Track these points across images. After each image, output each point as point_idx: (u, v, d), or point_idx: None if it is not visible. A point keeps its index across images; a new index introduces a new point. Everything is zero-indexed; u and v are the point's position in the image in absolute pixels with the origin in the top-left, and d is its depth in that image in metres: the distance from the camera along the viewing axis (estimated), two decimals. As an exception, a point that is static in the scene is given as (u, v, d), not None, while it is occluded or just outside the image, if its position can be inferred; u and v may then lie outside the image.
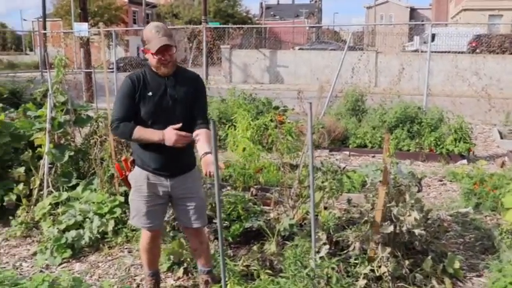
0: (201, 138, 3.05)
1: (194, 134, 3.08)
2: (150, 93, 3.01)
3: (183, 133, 2.93)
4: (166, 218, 4.04)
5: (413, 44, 26.20)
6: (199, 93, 3.18)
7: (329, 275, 3.10)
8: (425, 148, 7.75)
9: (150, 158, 3.07)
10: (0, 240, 4.60)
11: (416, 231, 3.49)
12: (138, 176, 3.15)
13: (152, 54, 2.96)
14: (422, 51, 19.99)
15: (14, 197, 4.87)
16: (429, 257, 3.55)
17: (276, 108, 9.02)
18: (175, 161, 3.06)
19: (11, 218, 4.79)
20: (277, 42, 37.24)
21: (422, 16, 63.07)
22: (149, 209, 3.18)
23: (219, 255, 3.64)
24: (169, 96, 3.02)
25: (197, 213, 3.17)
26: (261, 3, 66.63)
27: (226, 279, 3.04)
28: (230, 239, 4.18)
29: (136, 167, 3.17)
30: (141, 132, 2.96)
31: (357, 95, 9.27)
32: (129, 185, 3.26)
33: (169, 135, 2.92)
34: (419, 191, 3.82)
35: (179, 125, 2.93)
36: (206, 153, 2.99)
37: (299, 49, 28.64)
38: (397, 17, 61.89)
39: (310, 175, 2.99)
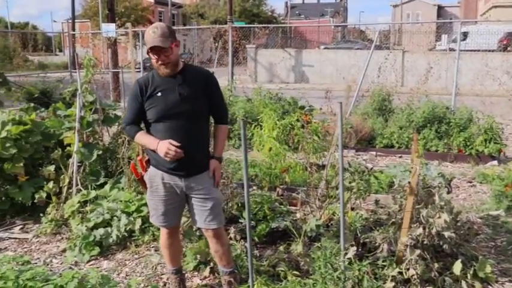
0: (215, 140, 3.23)
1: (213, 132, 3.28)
2: (160, 94, 3.04)
3: (174, 148, 2.92)
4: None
5: (442, 42, 25.69)
6: (211, 90, 3.16)
7: (359, 277, 3.06)
8: (454, 149, 7.60)
9: None
10: (31, 236, 4.70)
11: (446, 233, 3.42)
12: (153, 176, 3.17)
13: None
14: (451, 49, 19.61)
15: (44, 195, 4.97)
16: (459, 261, 3.46)
17: (302, 107, 8.97)
18: (190, 161, 3.04)
19: (41, 215, 4.89)
20: (303, 42, 37.09)
21: (450, 14, 61.92)
22: (167, 208, 3.20)
23: (245, 255, 3.64)
24: (179, 94, 3.02)
25: (213, 213, 3.13)
26: (286, 3, 66.52)
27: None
28: (256, 239, 4.18)
29: (151, 166, 3.18)
30: (141, 138, 3.15)
31: (384, 95, 9.14)
32: (145, 185, 3.27)
33: (162, 146, 2.96)
34: (449, 192, 3.74)
35: (177, 144, 2.94)
36: (213, 157, 3.19)
37: (324, 48, 28.43)
38: (424, 15, 61.05)
39: (339, 175, 2.96)
